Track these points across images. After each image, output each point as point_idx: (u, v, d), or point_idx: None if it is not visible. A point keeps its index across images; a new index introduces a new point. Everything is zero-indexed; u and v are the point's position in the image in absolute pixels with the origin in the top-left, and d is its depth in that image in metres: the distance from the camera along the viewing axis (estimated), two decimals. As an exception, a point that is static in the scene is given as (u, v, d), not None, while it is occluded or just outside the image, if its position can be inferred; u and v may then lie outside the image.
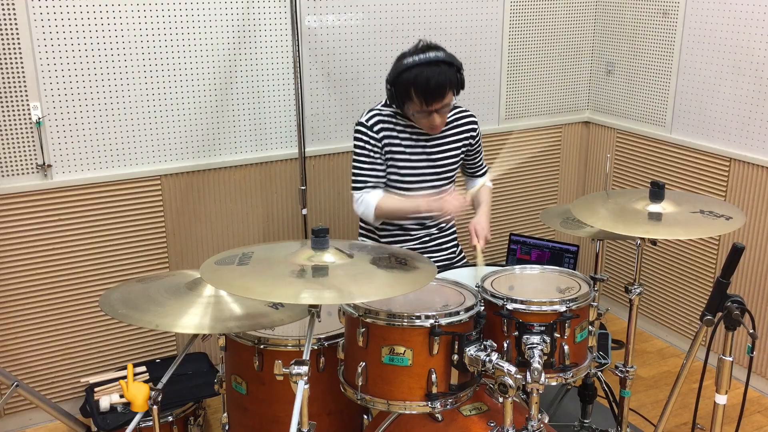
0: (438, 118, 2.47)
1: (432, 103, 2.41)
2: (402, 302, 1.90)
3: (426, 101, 2.41)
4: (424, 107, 2.43)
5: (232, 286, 1.74)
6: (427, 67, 2.39)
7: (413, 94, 2.40)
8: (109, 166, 2.89)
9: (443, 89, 2.40)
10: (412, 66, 2.39)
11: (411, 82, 2.39)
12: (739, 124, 3.12)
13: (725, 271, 1.96)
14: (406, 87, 2.41)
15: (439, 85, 2.38)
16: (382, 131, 2.54)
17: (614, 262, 3.86)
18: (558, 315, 1.92)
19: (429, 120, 2.47)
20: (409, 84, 2.39)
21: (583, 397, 2.66)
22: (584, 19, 3.73)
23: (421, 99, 2.40)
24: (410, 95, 2.41)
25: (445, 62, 2.41)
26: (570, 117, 3.85)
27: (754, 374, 3.18)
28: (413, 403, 1.83)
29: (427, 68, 2.38)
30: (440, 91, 2.40)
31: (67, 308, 2.93)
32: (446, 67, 2.41)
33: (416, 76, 2.38)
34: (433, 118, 2.46)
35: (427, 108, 2.43)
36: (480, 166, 2.82)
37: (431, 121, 2.47)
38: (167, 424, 2.60)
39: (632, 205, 2.24)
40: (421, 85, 2.38)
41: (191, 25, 2.89)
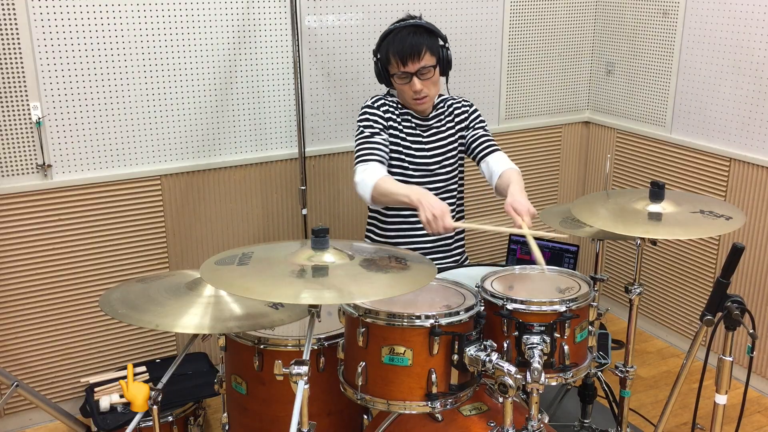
0: (418, 83, 2.48)
1: (407, 61, 2.46)
2: (402, 302, 1.90)
3: (402, 60, 2.46)
4: (401, 67, 2.48)
5: (232, 286, 1.73)
6: (404, 29, 2.50)
7: (391, 55, 2.49)
8: (109, 166, 2.89)
9: (419, 48, 2.46)
10: (392, 29, 2.52)
11: (389, 43, 2.50)
12: (739, 124, 3.12)
13: (725, 271, 1.96)
14: (385, 49, 2.51)
15: (414, 43, 2.46)
16: (388, 113, 2.60)
17: (614, 262, 3.86)
18: (558, 315, 1.92)
19: (410, 86, 2.50)
20: (387, 45, 2.50)
21: (583, 397, 2.66)
22: (584, 19, 3.73)
23: (398, 59, 2.47)
24: (389, 57, 2.50)
25: (423, 27, 2.51)
26: (570, 117, 3.85)
27: (754, 374, 3.18)
28: (413, 403, 1.83)
29: (404, 29, 2.49)
30: (415, 48, 2.46)
31: (67, 308, 2.93)
32: (425, 32, 2.50)
33: (394, 36, 2.49)
34: (414, 82, 2.49)
35: (404, 68, 2.47)
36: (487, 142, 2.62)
37: (412, 87, 2.49)
38: (167, 424, 2.60)
39: (632, 205, 2.24)
40: (397, 44, 2.47)
41: (191, 25, 2.89)
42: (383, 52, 2.53)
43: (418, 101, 2.55)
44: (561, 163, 3.88)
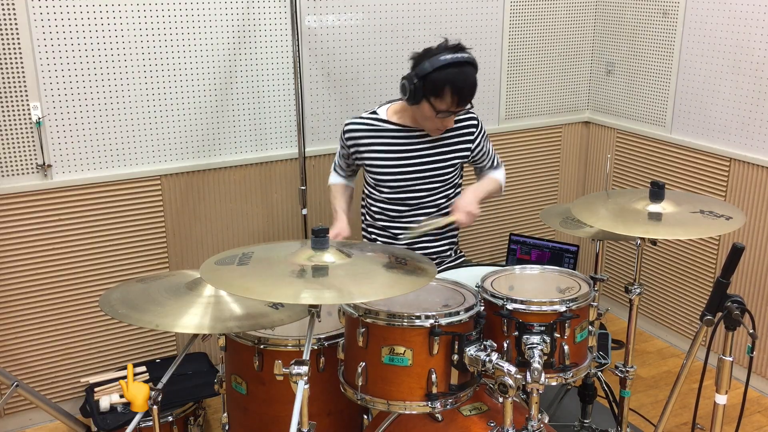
0: (452, 121, 2.49)
1: (463, 104, 2.40)
2: (402, 302, 1.90)
3: (459, 102, 2.38)
4: (452, 107, 2.39)
5: (232, 286, 1.74)
6: (466, 68, 2.37)
7: (447, 92, 2.35)
8: (109, 166, 2.89)
9: (474, 91, 2.41)
10: (452, 63, 2.33)
11: (449, 79, 2.33)
12: (739, 124, 3.12)
13: (725, 271, 1.96)
14: (441, 84, 2.34)
15: (473, 87, 2.40)
16: (352, 139, 2.62)
17: (614, 262, 3.86)
18: (558, 315, 1.92)
19: (444, 122, 2.46)
20: (447, 81, 2.33)
21: (583, 397, 2.66)
22: (584, 19, 3.73)
23: (455, 99, 2.36)
24: (443, 93, 2.35)
25: (475, 66, 2.42)
26: (570, 117, 3.85)
27: (754, 374, 3.18)
28: (413, 403, 1.83)
29: (466, 68, 2.37)
30: (473, 92, 2.40)
31: (67, 308, 2.93)
32: (475, 71, 2.42)
33: (456, 74, 2.34)
34: (449, 120, 2.46)
35: (456, 108, 2.40)
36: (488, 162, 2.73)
37: (445, 123, 2.47)
38: (167, 424, 2.60)
39: (632, 205, 2.24)
40: (459, 85, 2.34)
41: (191, 25, 2.89)
42: (436, 86, 2.34)
43: (439, 131, 2.54)
44: (561, 163, 3.88)
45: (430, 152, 2.61)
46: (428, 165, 2.61)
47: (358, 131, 2.62)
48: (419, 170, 2.61)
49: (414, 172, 2.60)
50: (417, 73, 2.37)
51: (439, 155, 2.61)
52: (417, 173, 2.61)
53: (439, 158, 2.61)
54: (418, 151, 2.60)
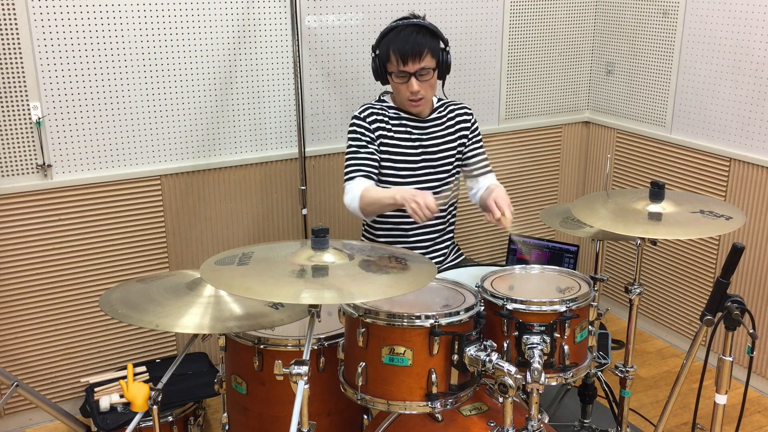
0: (416, 83, 2.47)
1: (408, 61, 2.43)
2: (402, 302, 1.90)
3: (403, 59, 2.43)
4: (401, 66, 2.45)
5: (232, 286, 1.73)
6: (408, 27, 2.47)
7: (391, 53, 2.45)
8: (109, 166, 2.89)
9: (421, 48, 2.44)
10: (394, 27, 2.48)
11: (390, 40, 2.46)
12: (739, 124, 3.12)
13: (725, 271, 1.96)
14: (386, 47, 2.47)
15: (416, 43, 2.43)
16: (375, 122, 2.58)
17: (614, 262, 3.86)
18: (558, 315, 1.92)
19: (408, 86, 2.48)
20: (389, 42, 2.46)
21: (583, 397, 2.66)
22: (584, 19, 3.73)
23: (398, 57, 2.44)
24: (389, 55, 2.46)
25: (427, 28, 2.49)
26: (570, 117, 3.85)
27: (754, 374, 3.18)
28: (413, 403, 1.83)
29: (407, 28, 2.47)
30: (417, 49, 2.43)
31: (67, 308, 2.93)
32: (428, 33, 2.48)
33: (396, 35, 2.46)
34: (411, 83, 2.47)
35: (404, 67, 2.45)
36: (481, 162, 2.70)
37: (410, 87, 2.48)
38: (167, 424, 2.60)
39: (632, 205, 2.24)
40: (399, 42, 2.44)
41: (191, 25, 2.89)
42: (383, 48, 2.49)
43: (414, 103, 2.54)
44: (561, 163, 3.88)
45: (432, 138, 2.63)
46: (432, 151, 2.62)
47: (377, 114, 2.59)
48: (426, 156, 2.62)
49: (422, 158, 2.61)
50: (372, 50, 2.53)
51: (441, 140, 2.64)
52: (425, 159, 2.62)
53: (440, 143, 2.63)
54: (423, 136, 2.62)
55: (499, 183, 2.69)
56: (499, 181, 3.68)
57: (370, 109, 2.59)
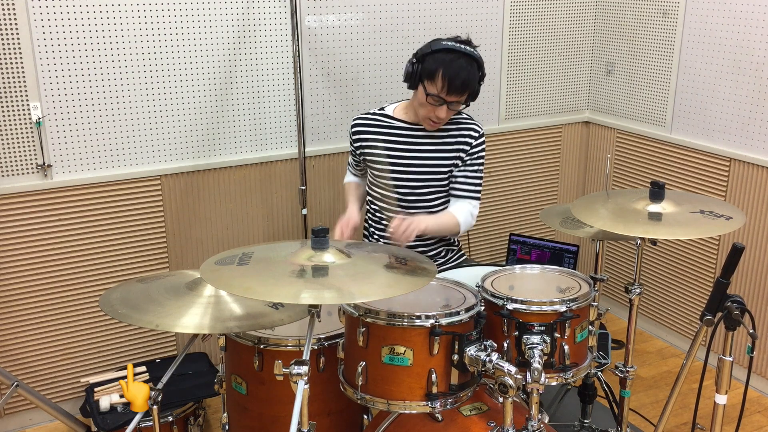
0: (445, 111, 2.47)
1: (451, 93, 2.42)
2: (402, 302, 1.90)
3: (448, 88, 2.40)
4: (442, 93, 2.42)
5: (232, 286, 1.73)
6: (464, 58, 2.41)
7: (438, 75, 2.39)
8: (109, 166, 2.89)
9: (467, 85, 2.42)
10: (451, 49, 2.41)
11: (442, 63, 2.39)
12: (739, 124, 3.12)
13: (725, 271, 1.96)
14: (434, 66, 2.40)
15: (466, 79, 2.41)
16: (358, 134, 2.68)
17: (614, 262, 3.86)
18: (558, 315, 1.92)
19: (435, 110, 2.47)
20: (440, 64, 2.39)
21: (583, 397, 2.66)
22: (584, 19, 3.73)
23: (444, 84, 2.40)
24: (434, 76, 2.40)
25: (478, 63, 2.45)
26: (570, 117, 3.85)
27: (754, 374, 3.18)
28: (413, 403, 1.83)
29: (463, 58, 2.41)
30: (465, 85, 2.41)
31: (67, 308, 2.93)
32: (477, 69, 2.45)
33: (450, 60, 2.39)
34: (441, 109, 2.46)
35: (444, 96, 2.42)
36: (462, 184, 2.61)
37: (437, 113, 2.47)
38: (167, 424, 2.60)
39: (632, 205, 2.24)
40: (452, 72, 2.39)
41: (191, 25, 2.89)
42: (431, 67, 2.41)
43: (434, 124, 2.54)
44: (561, 163, 3.88)
45: (430, 149, 2.61)
46: (427, 162, 2.61)
47: (363, 125, 2.68)
48: (418, 166, 2.61)
49: (413, 167, 2.61)
50: (417, 54, 2.47)
51: (438, 153, 2.61)
52: (415, 169, 2.61)
53: (437, 156, 2.61)
54: (419, 147, 2.61)
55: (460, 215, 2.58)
56: (499, 181, 3.70)
57: (359, 121, 2.69)
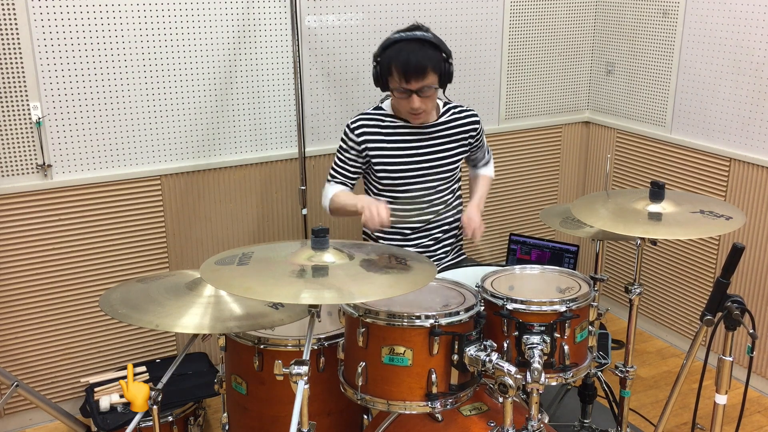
0: (417, 100, 2.44)
1: (411, 80, 2.39)
2: (402, 302, 1.90)
3: (405, 77, 2.38)
4: (403, 84, 2.40)
5: (232, 286, 1.73)
6: (411, 44, 2.39)
7: (393, 69, 2.40)
8: (109, 166, 2.89)
9: (423, 67, 2.39)
10: (397, 41, 2.41)
11: (393, 56, 2.39)
12: (739, 124, 3.12)
13: (725, 271, 1.96)
14: (387, 61, 2.41)
15: (419, 62, 2.37)
16: (364, 135, 2.57)
17: (614, 262, 3.86)
18: (558, 315, 1.92)
19: (409, 102, 2.45)
20: (391, 58, 2.40)
21: (583, 397, 2.66)
22: (584, 19, 3.73)
23: (401, 75, 2.39)
24: (391, 70, 2.41)
25: (430, 43, 2.42)
26: (570, 117, 3.85)
27: (754, 374, 3.18)
28: (413, 403, 1.83)
29: (410, 44, 2.39)
30: (420, 68, 2.37)
31: (67, 308, 2.93)
32: (430, 48, 2.41)
33: (399, 51, 2.39)
34: (413, 99, 2.43)
35: (406, 85, 2.40)
36: (482, 159, 2.85)
37: (411, 103, 2.45)
38: (167, 424, 2.60)
39: (632, 205, 2.24)
40: (402, 60, 2.37)
41: (191, 25, 2.89)
42: (385, 62, 2.43)
43: (415, 116, 2.53)
44: (561, 163, 3.88)
45: (434, 145, 2.62)
46: (434, 158, 2.62)
47: (368, 126, 2.59)
48: (428, 161, 2.62)
49: (423, 163, 2.61)
50: (374, 55, 2.47)
51: (444, 147, 2.63)
52: (426, 165, 2.62)
53: (446, 148, 2.63)
54: (426, 142, 2.61)
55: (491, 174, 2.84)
56: (499, 181, 3.70)
57: (361, 121, 2.59)
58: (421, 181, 2.63)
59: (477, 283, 2.06)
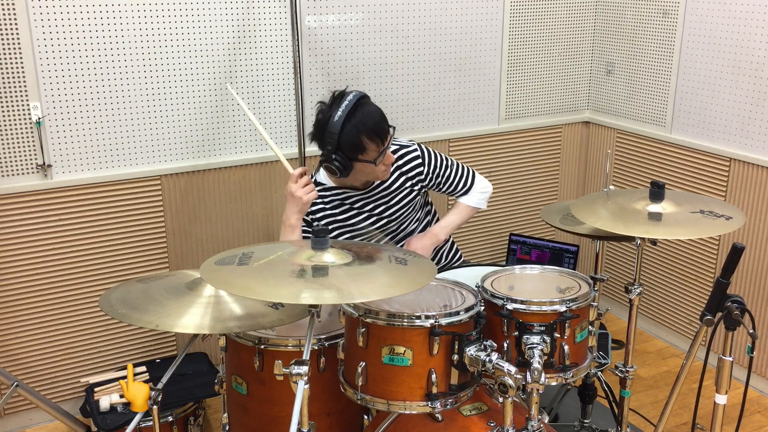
0: (390, 156, 2.37)
1: (385, 139, 2.28)
2: (402, 302, 1.90)
3: (381, 140, 2.27)
4: (381, 147, 2.28)
5: (232, 286, 1.74)
6: (359, 108, 2.26)
7: (365, 141, 2.24)
8: (109, 166, 2.89)
9: (384, 121, 2.29)
10: (347, 116, 2.24)
11: (358, 130, 2.24)
12: (739, 124, 3.12)
13: (725, 271, 1.96)
14: (355, 138, 2.24)
15: (378, 119, 2.27)
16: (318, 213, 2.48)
17: (614, 262, 3.86)
18: (558, 315, 1.92)
19: (384, 160, 2.33)
20: (358, 134, 2.23)
21: (583, 397, 2.66)
22: (584, 19, 3.73)
23: (377, 141, 2.26)
24: (363, 145, 2.25)
25: (364, 96, 2.31)
26: (570, 117, 3.85)
27: (754, 374, 3.18)
28: (413, 403, 1.83)
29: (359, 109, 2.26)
30: (383, 122, 2.29)
31: (67, 308, 2.93)
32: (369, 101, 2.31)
33: (359, 122, 2.24)
34: (387, 156, 2.34)
35: (383, 147, 2.29)
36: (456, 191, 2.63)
37: (386, 160, 2.34)
38: (167, 424, 2.60)
39: (632, 205, 2.24)
40: (369, 126, 2.24)
41: (191, 25, 2.89)
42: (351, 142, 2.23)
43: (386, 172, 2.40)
44: (561, 163, 3.88)
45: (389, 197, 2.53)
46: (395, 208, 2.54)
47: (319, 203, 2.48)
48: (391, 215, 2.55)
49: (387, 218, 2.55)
50: (329, 148, 2.26)
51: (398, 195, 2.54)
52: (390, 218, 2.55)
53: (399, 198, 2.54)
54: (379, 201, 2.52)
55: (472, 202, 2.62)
56: (499, 181, 3.70)
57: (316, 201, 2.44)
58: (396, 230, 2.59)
59: (477, 283, 2.06)
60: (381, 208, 2.53)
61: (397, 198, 2.54)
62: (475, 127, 3.57)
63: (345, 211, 2.51)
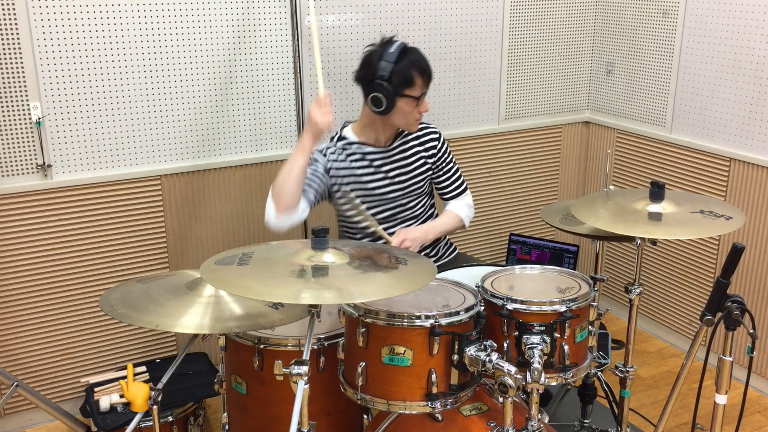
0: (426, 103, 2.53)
1: (430, 80, 2.49)
2: (402, 302, 1.90)
3: (428, 78, 2.48)
4: (425, 87, 2.48)
5: (232, 286, 1.74)
6: (413, 49, 2.48)
7: (416, 74, 2.44)
8: (109, 166, 2.89)
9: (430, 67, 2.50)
10: (403, 51, 2.44)
11: (412, 63, 2.43)
12: (739, 124, 3.12)
13: (725, 271, 1.96)
14: (407, 71, 2.42)
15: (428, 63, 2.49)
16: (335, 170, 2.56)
17: (614, 262, 3.86)
18: (558, 315, 1.92)
19: (422, 105, 2.51)
20: (411, 66, 2.43)
21: (583, 397, 2.66)
22: (584, 19, 3.73)
23: (425, 78, 2.46)
24: (413, 78, 2.43)
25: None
26: (570, 117, 3.85)
27: (754, 374, 3.18)
28: (413, 403, 1.84)
29: (413, 49, 2.48)
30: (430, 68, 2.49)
31: (67, 308, 2.93)
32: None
33: (413, 57, 2.45)
34: (424, 103, 2.51)
35: (426, 89, 2.49)
36: (449, 187, 2.74)
37: (424, 106, 2.52)
38: (167, 424, 2.60)
39: (632, 205, 2.24)
40: (422, 63, 2.46)
41: (191, 25, 2.89)
42: (403, 74, 2.41)
43: (417, 122, 2.57)
44: (561, 163, 3.88)
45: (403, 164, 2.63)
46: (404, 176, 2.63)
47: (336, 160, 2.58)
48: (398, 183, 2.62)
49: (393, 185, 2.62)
50: (380, 78, 2.40)
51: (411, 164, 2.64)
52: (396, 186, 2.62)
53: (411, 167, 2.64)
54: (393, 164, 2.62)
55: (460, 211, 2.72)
56: (499, 181, 3.70)
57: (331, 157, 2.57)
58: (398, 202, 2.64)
59: (477, 283, 2.06)
60: (396, 172, 2.62)
61: (411, 166, 2.64)
62: (475, 127, 3.57)
63: (364, 167, 2.58)
